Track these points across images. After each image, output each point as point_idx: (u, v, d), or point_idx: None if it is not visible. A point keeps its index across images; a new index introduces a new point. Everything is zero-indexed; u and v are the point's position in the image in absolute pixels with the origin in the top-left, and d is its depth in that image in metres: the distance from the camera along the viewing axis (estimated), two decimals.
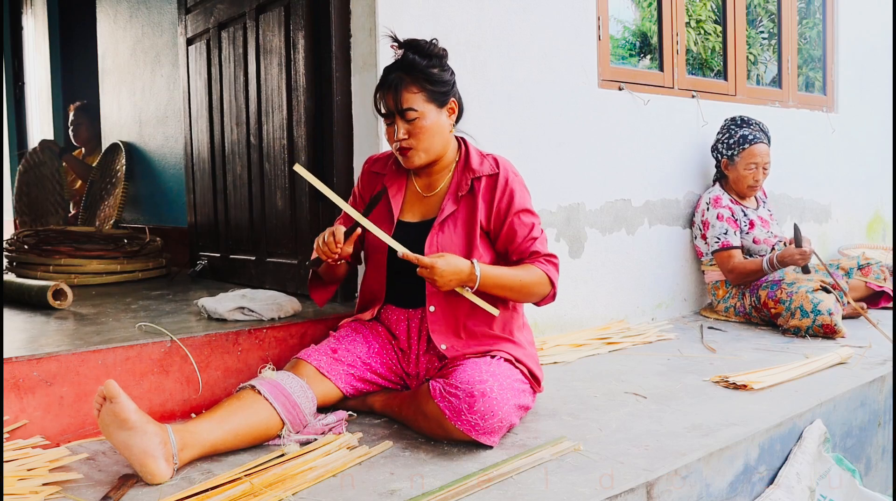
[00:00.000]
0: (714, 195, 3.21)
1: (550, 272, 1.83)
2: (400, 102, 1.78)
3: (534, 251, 1.85)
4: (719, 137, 3.27)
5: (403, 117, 1.79)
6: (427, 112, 1.80)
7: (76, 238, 3.25)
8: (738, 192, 3.25)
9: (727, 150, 3.21)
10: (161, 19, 3.98)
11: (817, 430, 1.91)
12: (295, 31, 2.55)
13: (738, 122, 3.25)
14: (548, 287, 1.84)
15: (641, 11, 3.65)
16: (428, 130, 1.81)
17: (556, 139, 2.79)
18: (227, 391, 1.97)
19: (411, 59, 1.79)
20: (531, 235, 1.85)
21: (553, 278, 1.84)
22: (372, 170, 2.00)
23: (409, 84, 1.78)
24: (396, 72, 1.80)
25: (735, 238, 3.12)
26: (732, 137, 3.21)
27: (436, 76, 1.80)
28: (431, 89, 1.80)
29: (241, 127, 2.89)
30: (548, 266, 1.84)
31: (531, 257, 1.85)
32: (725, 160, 3.22)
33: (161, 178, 4.12)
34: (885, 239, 4.54)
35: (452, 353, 1.82)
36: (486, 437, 1.62)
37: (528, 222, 1.86)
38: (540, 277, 1.82)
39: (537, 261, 1.84)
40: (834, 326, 2.77)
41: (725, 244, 3.12)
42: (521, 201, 1.86)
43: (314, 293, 2.01)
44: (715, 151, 3.29)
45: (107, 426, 1.47)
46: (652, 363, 2.46)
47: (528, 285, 1.81)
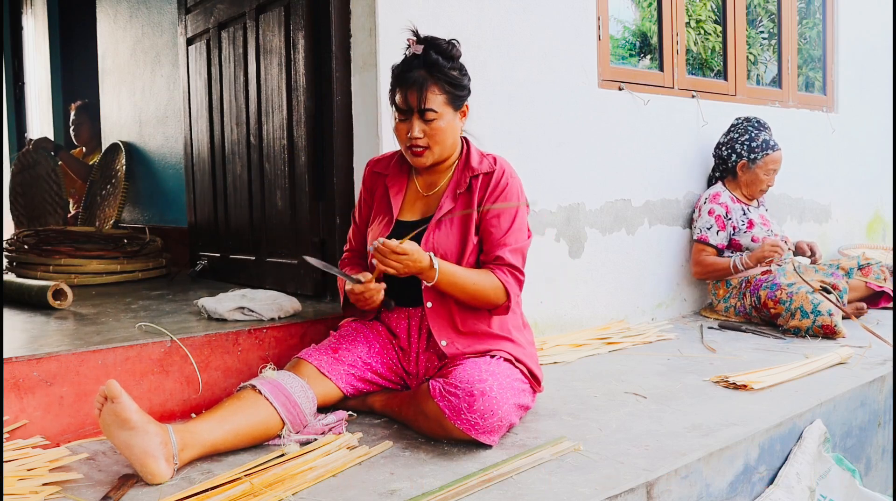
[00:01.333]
0: (714, 191, 3.22)
1: (508, 284, 1.79)
2: (423, 101, 1.77)
3: (498, 257, 1.80)
4: (735, 136, 3.24)
5: (422, 117, 1.79)
6: (445, 114, 1.80)
7: (76, 238, 3.25)
8: (748, 193, 3.26)
9: (748, 152, 3.19)
10: (161, 19, 3.98)
11: (817, 430, 1.91)
12: (295, 31, 2.55)
13: (755, 124, 3.24)
14: (502, 298, 1.80)
15: (641, 11, 3.66)
16: (443, 131, 1.81)
17: (556, 139, 2.79)
18: (227, 391, 1.97)
19: (434, 59, 1.78)
20: (503, 240, 1.81)
21: (510, 290, 1.79)
22: (374, 170, 2.00)
23: (431, 84, 1.77)
24: (419, 70, 1.78)
25: (715, 238, 3.15)
26: (755, 140, 3.18)
27: (457, 80, 1.81)
28: (452, 92, 1.80)
29: (241, 127, 2.89)
30: (508, 277, 1.79)
31: (495, 261, 1.81)
32: (744, 162, 3.20)
33: (161, 178, 4.12)
34: (885, 239, 4.54)
35: (452, 350, 1.82)
36: (486, 436, 1.62)
37: (506, 224, 1.82)
38: (494, 285, 1.78)
39: (498, 269, 1.80)
40: (834, 326, 2.77)
41: (702, 238, 3.17)
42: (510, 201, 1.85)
43: (348, 313, 1.99)
44: (728, 150, 3.24)
45: (108, 426, 1.47)
46: (652, 363, 2.46)
47: (482, 291, 1.77)
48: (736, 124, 3.29)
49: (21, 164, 4.71)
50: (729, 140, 3.26)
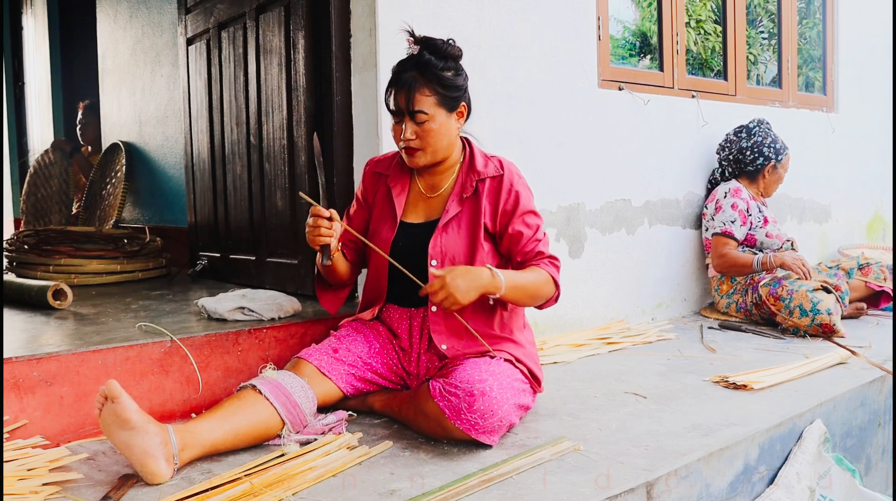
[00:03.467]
0: (734, 187, 3.22)
1: (554, 274, 1.84)
2: (412, 103, 1.77)
3: (538, 252, 1.85)
4: (760, 139, 3.25)
5: (413, 119, 1.79)
6: (437, 115, 1.79)
7: (76, 238, 3.25)
8: (766, 193, 3.34)
9: (776, 154, 3.25)
10: (161, 19, 3.98)
11: (817, 430, 1.91)
12: (295, 31, 2.55)
13: (769, 126, 3.31)
14: (552, 288, 1.85)
15: (641, 11, 3.65)
16: (436, 133, 1.80)
17: (556, 139, 2.79)
18: (227, 391, 1.97)
19: (427, 59, 1.78)
20: (535, 236, 1.86)
21: (556, 279, 1.85)
22: (375, 170, 2.00)
23: (421, 86, 1.77)
24: (411, 71, 1.78)
25: (739, 231, 3.15)
26: (777, 142, 3.26)
27: (449, 80, 1.80)
28: (444, 93, 1.79)
29: (241, 127, 2.89)
30: (551, 268, 1.85)
31: (536, 257, 1.85)
32: (773, 164, 3.26)
33: (161, 178, 4.12)
34: (885, 239, 4.54)
35: (453, 353, 1.82)
36: (486, 436, 1.62)
37: (532, 223, 1.87)
38: (546, 278, 1.83)
39: (542, 263, 1.84)
40: (833, 326, 2.77)
41: (727, 232, 3.16)
42: (527, 202, 1.87)
43: (323, 300, 2.01)
44: (754, 153, 3.25)
45: (108, 426, 1.47)
46: (652, 363, 2.46)
47: (539, 287, 1.82)
48: (754, 129, 3.29)
49: (39, 163, 4.79)
50: (754, 144, 3.25)
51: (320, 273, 1.96)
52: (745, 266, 3.09)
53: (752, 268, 3.08)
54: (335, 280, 1.96)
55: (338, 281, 1.97)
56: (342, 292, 2.03)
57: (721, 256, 3.16)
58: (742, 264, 3.10)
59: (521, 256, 1.86)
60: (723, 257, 3.15)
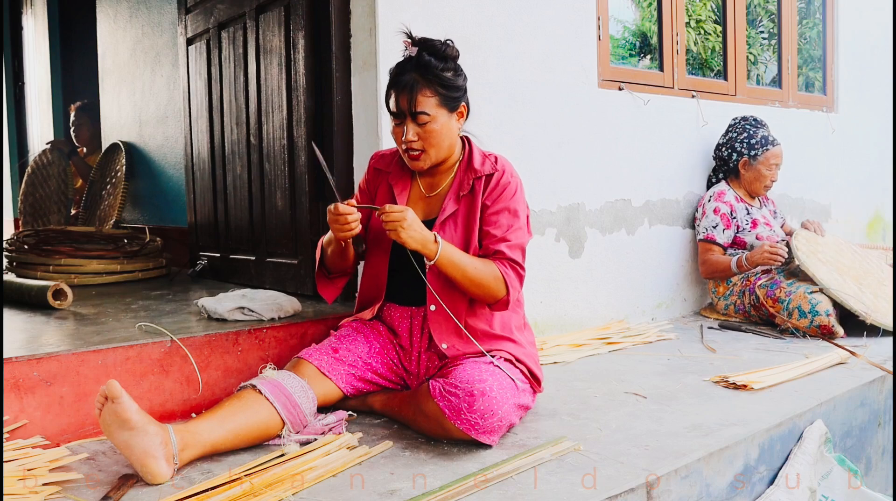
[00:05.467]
0: (718, 190, 3.23)
1: (508, 276, 1.78)
2: (414, 104, 1.77)
3: (498, 251, 1.80)
4: (734, 135, 3.26)
5: (415, 120, 1.78)
6: (438, 116, 1.79)
7: (76, 238, 3.25)
8: (751, 191, 3.28)
9: (748, 149, 3.21)
10: (161, 19, 3.98)
11: (818, 430, 1.91)
12: (295, 31, 2.55)
13: (752, 122, 3.27)
14: (502, 290, 1.78)
15: (641, 11, 3.66)
16: (437, 134, 1.80)
17: (556, 139, 2.79)
18: (227, 391, 1.97)
19: (427, 60, 1.78)
20: (505, 236, 1.81)
21: (509, 283, 1.78)
22: (377, 166, 2.00)
23: (423, 87, 1.77)
24: (411, 72, 1.78)
25: (721, 236, 3.16)
26: (753, 137, 3.22)
27: (450, 81, 1.79)
28: (445, 94, 1.79)
29: (241, 127, 2.89)
30: (508, 270, 1.79)
31: (494, 255, 1.81)
32: (746, 159, 3.22)
33: (161, 178, 4.12)
34: (885, 239, 4.54)
35: (453, 352, 1.82)
36: (486, 436, 1.62)
37: (506, 222, 1.82)
38: (495, 275, 1.77)
39: (499, 261, 1.80)
40: (831, 327, 2.77)
41: (709, 237, 3.18)
42: (511, 200, 1.84)
43: (322, 289, 1.99)
44: (728, 150, 3.26)
45: (108, 426, 1.47)
46: (652, 363, 2.46)
47: (482, 278, 1.76)
48: (733, 124, 3.30)
49: (37, 163, 4.80)
50: (728, 140, 3.27)
51: (322, 263, 1.95)
52: (725, 270, 3.12)
53: (731, 271, 3.10)
54: (341, 266, 1.93)
55: (343, 267, 1.95)
56: (341, 281, 2.01)
57: (703, 262, 3.21)
58: (722, 268, 3.13)
59: (483, 250, 1.83)
60: (704, 264, 3.20)
